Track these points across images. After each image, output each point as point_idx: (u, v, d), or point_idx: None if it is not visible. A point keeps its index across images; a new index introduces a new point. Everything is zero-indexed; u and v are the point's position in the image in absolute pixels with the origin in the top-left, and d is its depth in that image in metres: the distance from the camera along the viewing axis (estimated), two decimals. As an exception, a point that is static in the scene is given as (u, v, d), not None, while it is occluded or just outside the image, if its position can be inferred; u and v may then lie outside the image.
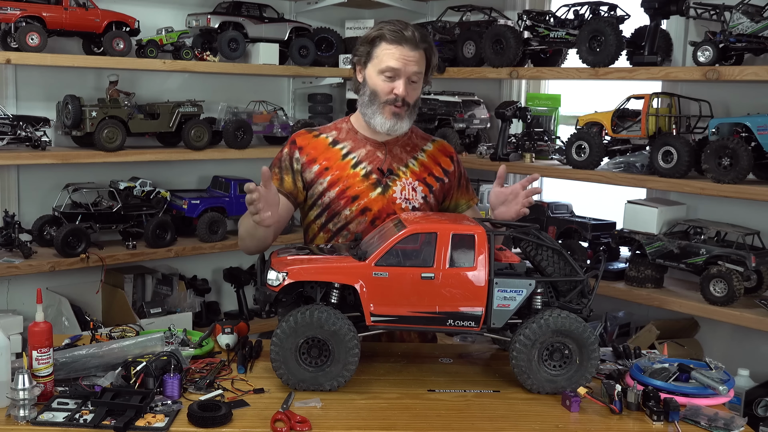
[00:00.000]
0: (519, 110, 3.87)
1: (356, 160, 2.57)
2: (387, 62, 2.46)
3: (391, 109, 2.49)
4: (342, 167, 2.56)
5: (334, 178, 2.55)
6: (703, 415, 1.94)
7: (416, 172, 2.60)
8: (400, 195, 2.55)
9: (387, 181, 2.55)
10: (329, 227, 2.57)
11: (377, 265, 2.02)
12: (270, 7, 4.29)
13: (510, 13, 4.11)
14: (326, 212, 2.57)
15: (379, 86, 2.49)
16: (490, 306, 2.04)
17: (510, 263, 2.15)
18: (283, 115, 4.35)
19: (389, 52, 2.46)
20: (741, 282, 3.01)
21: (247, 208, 2.26)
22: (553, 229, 3.66)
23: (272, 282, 2.06)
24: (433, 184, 2.62)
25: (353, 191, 2.53)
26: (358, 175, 2.55)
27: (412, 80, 2.49)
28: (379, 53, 2.48)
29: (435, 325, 2.05)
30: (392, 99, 2.48)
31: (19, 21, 3.36)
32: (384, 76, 2.48)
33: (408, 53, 2.45)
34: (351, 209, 2.53)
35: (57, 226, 3.61)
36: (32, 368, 1.91)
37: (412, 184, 2.58)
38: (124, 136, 3.66)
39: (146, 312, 3.73)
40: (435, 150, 2.69)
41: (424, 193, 2.59)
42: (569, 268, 2.13)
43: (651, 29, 3.36)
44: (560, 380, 2.06)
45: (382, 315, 2.04)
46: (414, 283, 2.01)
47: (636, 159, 3.38)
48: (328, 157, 2.58)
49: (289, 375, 2.03)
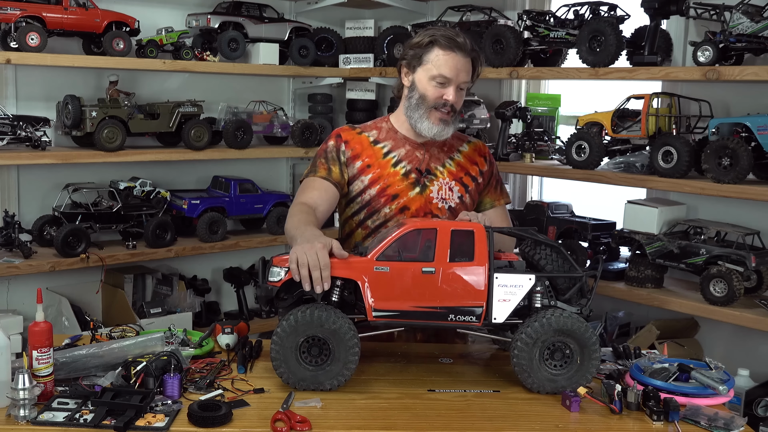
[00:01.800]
0: (519, 110, 3.88)
1: (396, 159, 2.60)
2: (440, 69, 2.49)
3: (439, 115, 2.52)
4: (383, 165, 2.59)
5: (375, 176, 2.58)
6: (703, 415, 1.94)
7: (453, 172, 2.64)
8: (437, 195, 2.59)
9: (425, 180, 2.59)
10: (368, 224, 2.60)
11: (378, 260, 2.04)
12: (270, 7, 4.29)
13: (510, 13, 4.10)
14: (365, 209, 2.60)
15: (430, 91, 2.52)
16: (490, 301, 2.05)
17: (509, 261, 2.17)
18: (283, 115, 4.35)
19: (442, 59, 2.49)
20: (741, 282, 3.01)
21: (312, 274, 2.03)
22: (553, 229, 3.66)
23: (273, 277, 2.07)
24: (469, 184, 2.65)
25: (393, 190, 2.57)
26: (398, 174, 2.58)
27: (461, 87, 2.53)
28: (432, 59, 2.51)
29: (436, 320, 2.05)
30: (441, 104, 2.51)
31: (19, 21, 3.36)
32: (435, 82, 2.51)
33: (460, 61, 2.50)
34: (390, 207, 2.56)
35: (57, 226, 3.61)
36: (32, 368, 1.91)
37: (449, 184, 2.61)
38: (124, 136, 3.66)
39: (146, 312, 3.73)
40: (471, 150, 2.71)
41: (461, 193, 2.62)
42: (568, 266, 2.14)
43: (651, 29, 3.36)
44: (561, 380, 2.06)
45: (383, 310, 2.04)
46: (415, 277, 2.03)
47: (636, 159, 3.38)
48: (370, 154, 2.61)
49: (289, 374, 2.04)
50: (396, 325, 2.11)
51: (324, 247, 2.05)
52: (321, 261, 2.02)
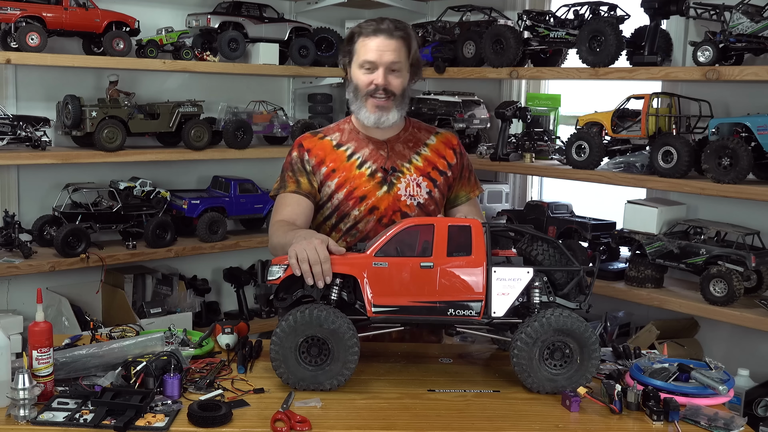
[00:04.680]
0: (519, 110, 3.88)
1: (361, 160, 2.59)
2: (364, 55, 2.52)
3: (374, 102, 2.53)
4: (348, 168, 2.58)
5: (341, 180, 2.58)
6: (703, 415, 1.94)
7: (420, 167, 2.63)
8: (404, 192, 2.58)
9: (391, 179, 2.58)
10: (340, 227, 2.60)
11: (377, 255, 2.04)
12: (270, 7, 4.29)
13: (510, 13, 4.11)
14: (336, 213, 2.60)
15: (360, 79, 2.54)
16: (489, 295, 2.05)
17: (507, 256, 2.18)
18: (283, 115, 4.35)
19: (366, 46, 2.52)
20: (741, 282, 3.01)
21: (312, 269, 2.05)
22: (553, 229, 3.66)
23: (273, 275, 2.08)
24: (437, 179, 2.64)
25: (360, 191, 2.56)
26: (364, 175, 2.57)
27: (393, 69, 2.52)
28: (358, 48, 2.54)
29: (436, 314, 2.06)
30: (372, 90, 2.52)
31: (19, 21, 3.36)
32: (363, 69, 2.53)
33: (383, 42, 2.50)
34: (359, 209, 2.56)
35: (57, 226, 3.60)
36: (32, 368, 1.91)
37: (416, 180, 2.60)
38: (124, 136, 3.66)
39: (146, 312, 3.73)
40: (439, 143, 2.70)
41: (429, 188, 2.61)
42: (565, 260, 2.14)
43: (651, 29, 3.36)
44: (560, 379, 2.06)
45: (383, 306, 2.05)
46: (414, 272, 2.04)
47: (636, 159, 3.38)
48: (334, 158, 2.60)
49: (288, 374, 2.04)
50: (396, 321, 2.10)
51: (322, 242, 2.08)
52: (321, 255, 2.04)
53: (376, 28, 2.51)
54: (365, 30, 2.53)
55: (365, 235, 2.56)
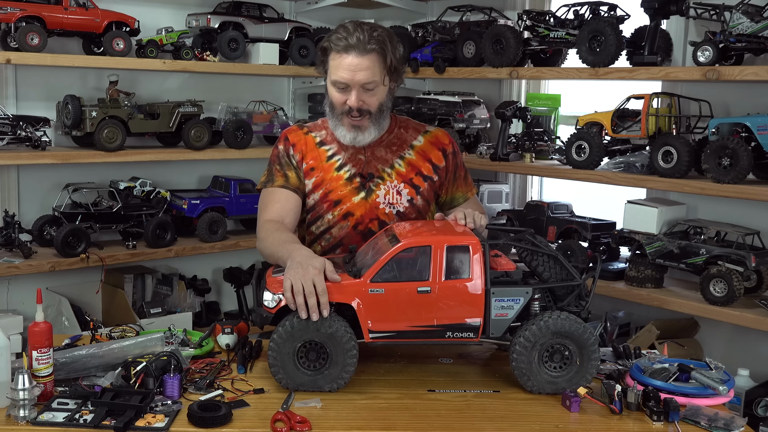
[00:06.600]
0: (519, 110, 3.88)
1: (341, 163, 2.53)
2: (335, 74, 2.39)
3: (350, 121, 2.43)
4: (326, 169, 2.53)
5: (318, 180, 2.53)
6: (703, 415, 1.94)
7: (402, 173, 2.54)
8: (383, 200, 2.51)
9: (370, 185, 2.51)
10: (312, 230, 2.56)
11: (373, 281, 2.00)
12: (270, 7, 4.29)
13: (510, 13, 4.11)
14: (310, 214, 2.55)
15: (335, 98, 2.44)
16: (488, 316, 2.03)
17: (506, 271, 2.14)
18: (283, 115, 4.35)
19: (336, 63, 2.38)
20: (741, 282, 3.01)
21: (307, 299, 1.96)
22: (553, 229, 3.66)
23: (268, 303, 2.05)
24: (421, 185, 2.56)
25: (336, 195, 2.51)
26: (342, 178, 2.52)
27: (367, 88, 2.39)
28: (331, 64, 2.41)
29: (434, 338, 2.03)
30: (347, 110, 2.42)
31: (19, 21, 3.36)
32: (336, 88, 2.41)
33: (354, 61, 2.35)
34: (333, 213, 2.51)
35: (57, 226, 3.61)
36: (32, 368, 1.91)
37: (397, 187, 2.53)
38: (124, 136, 3.66)
39: (146, 312, 3.73)
40: (426, 144, 2.60)
41: (410, 196, 2.54)
42: (566, 272, 2.13)
43: (651, 29, 3.36)
44: (560, 381, 2.06)
45: (380, 331, 2.02)
46: (411, 297, 2.00)
47: (636, 159, 3.38)
48: (315, 156, 2.55)
49: (287, 379, 2.02)
50: (393, 345, 2.06)
51: (319, 272, 1.98)
52: (318, 287, 1.95)
53: (346, 44, 2.35)
54: (335, 46, 2.37)
55: (338, 242, 2.52)
